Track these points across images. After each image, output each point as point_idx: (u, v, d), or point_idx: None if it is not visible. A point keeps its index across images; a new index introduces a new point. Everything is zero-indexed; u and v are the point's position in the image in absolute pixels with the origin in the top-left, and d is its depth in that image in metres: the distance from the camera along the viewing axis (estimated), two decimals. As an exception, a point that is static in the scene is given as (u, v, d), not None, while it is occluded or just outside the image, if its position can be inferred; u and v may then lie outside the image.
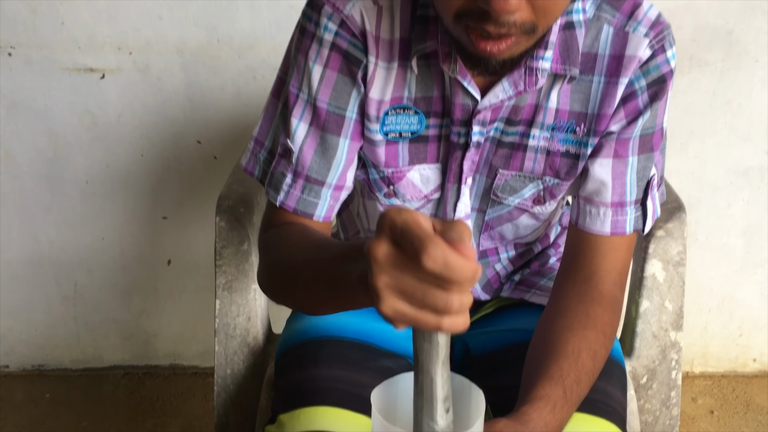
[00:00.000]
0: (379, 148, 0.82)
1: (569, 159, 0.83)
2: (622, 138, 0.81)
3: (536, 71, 0.76)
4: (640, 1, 0.78)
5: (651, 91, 0.78)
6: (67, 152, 1.57)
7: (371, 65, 0.78)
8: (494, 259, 0.95)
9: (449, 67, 0.76)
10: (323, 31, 0.77)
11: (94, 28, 1.46)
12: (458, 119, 0.80)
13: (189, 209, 1.64)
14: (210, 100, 1.54)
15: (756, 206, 1.64)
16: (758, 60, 1.51)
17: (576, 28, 0.77)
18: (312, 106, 0.80)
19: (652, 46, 0.77)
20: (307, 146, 0.80)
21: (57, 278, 1.69)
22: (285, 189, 0.82)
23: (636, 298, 1.01)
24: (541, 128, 0.81)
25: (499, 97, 0.77)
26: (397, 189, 0.85)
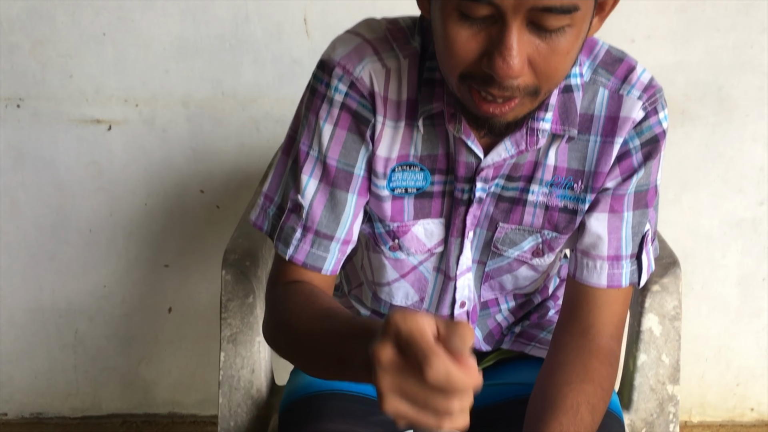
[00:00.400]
0: (386, 203, 0.85)
1: (567, 214, 0.85)
2: (618, 194, 0.84)
3: (537, 132, 0.79)
4: (633, 66, 0.82)
5: (645, 151, 0.82)
6: (72, 201, 1.59)
7: (379, 124, 0.81)
8: (495, 309, 0.97)
9: (454, 128, 0.79)
10: (334, 92, 0.81)
11: (101, 81, 1.50)
12: (462, 176, 0.83)
13: (191, 257, 1.66)
14: (214, 150, 1.57)
15: (750, 257, 1.67)
16: (748, 114, 1.55)
17: (574, 91, 0.80)
18: (322, 163, 0.82)
19: (645, 108, 0.80)
20: (317, 201, 0.83)
21: (58, 326, 1.69)
22: (295, 243, 0.84)
23: (633, 351, 1.03)
24: (540, 184, 0.84)
25: (502, 155, 0.80)
26: (402, 243, 0.88)
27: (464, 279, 0.91)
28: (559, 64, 0.67)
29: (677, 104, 1.55)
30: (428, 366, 0.50)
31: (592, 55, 0.82)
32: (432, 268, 0.91)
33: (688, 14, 1.47)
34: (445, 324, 0.52)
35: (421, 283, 0.92)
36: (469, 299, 0.93)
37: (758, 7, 1.46)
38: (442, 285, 0.92)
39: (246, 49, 1.48)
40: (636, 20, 1.47)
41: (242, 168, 1.58)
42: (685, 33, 1.49)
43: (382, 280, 0.93)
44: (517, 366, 0.98)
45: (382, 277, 0.93)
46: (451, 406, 0.52)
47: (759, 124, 1.56)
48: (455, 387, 0.50)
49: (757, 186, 1.61)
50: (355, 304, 1.02)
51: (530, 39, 0.65)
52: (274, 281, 0.87)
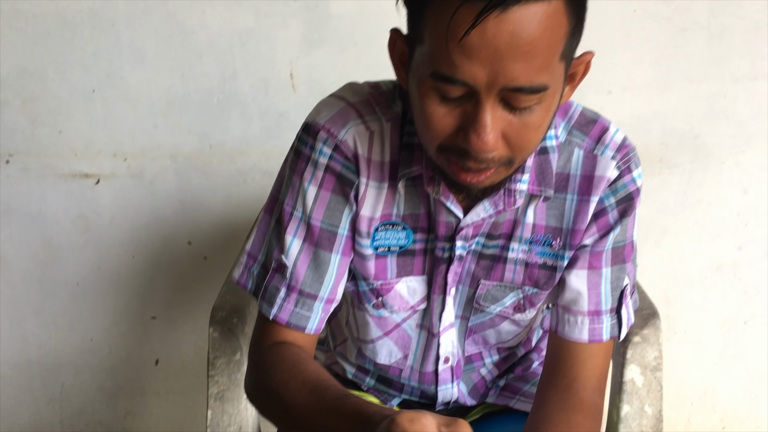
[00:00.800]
0: (369, 262, 0.87)
1: (547, 270, 0.88)
2: (596, 251, 0.86)
3: (514, 193, 0.82)
4: (607, 126, 0.85)
5: (620, 208, 0.85)
6: (59, 255, 1.60)
7: (362, 185, 0.83)
8: (479, 363, 0.99)
9: (433, 190, 0.82)
10: (318, 155, 0.83)
11: (90, 136, 1.52)
12: (442, 235, 0.85)
13: (178, 309, 1.67)
14: (201, 202, 1.59)
15: (731, 300, 1.69)
16: (724, 162, 1.59)
17: (550, 153, 0.83)
18: (306, 223, 0.84)
19: (619, 167, 0.83)
20: (301, 261, 0.85)
21: (44, 380, 1.69)
22: (279, 303, 0.85)
23: (617, 402, 1.04)
24: (519, 242, 0.87)
25: (480, 215, 0.83)
26: (386, 300, 0.89)
27: (448, 335, 0.92)
28: (531, 137, 0.71)
29: (655, 153, 1.58)
30: None
31: (567, 117, 0.85)
32: (415, 325, 0.93)
33: (663, 66, 1.52)
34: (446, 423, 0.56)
35: (404, 340, 0.94)
36: (453, 354, 0.94)
37: (729, 59, 1.51)
38: (426, 341, 0.93)
39: (233, 104, 1.51)
40: (612, 72, 1.52)
41: (230, 219, 1.60)
42: (660, 84, 1.53)
43: (366, 337, 0.94)
44: (503, 420, 0.99)
45: (366, 334, 0.94)
46: None
47: (734, 171, 1.60)
48: None
49: (735, 231, 1.64)
50: (340, 360, 1.03)
51: (503, 115, 0.68)
52: (257, 341, 0.88)
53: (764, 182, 1.61)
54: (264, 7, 1.44)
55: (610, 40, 1.49)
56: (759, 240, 1.65)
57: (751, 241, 1.65)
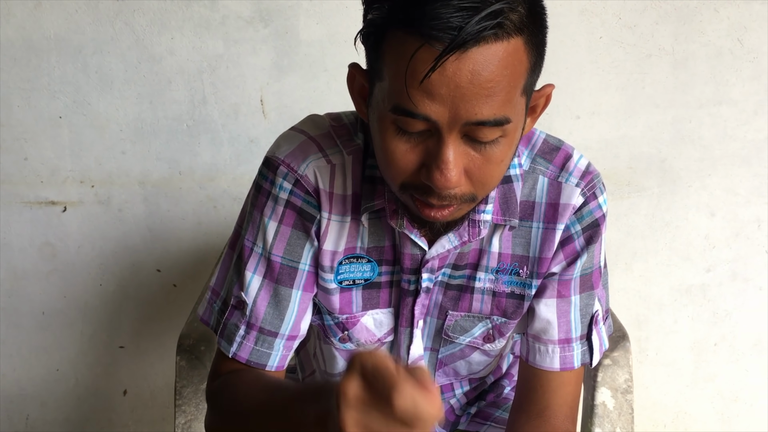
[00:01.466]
0: (333, 296, 0.86)
1: (515, 299, 0.87)
2: (564, 279, 0.86)
3: (479, 223, 0.81)
4: (570, 153, 0.85)
5: (586, 235, 0.84)
6: (24, 284, 1.57)
7: (324, 220, 0.82)
8: (449, 394, 0.98)
9: (396, 223, 0.81)
10: (278, 190, 0.82)
11: (57, 163, 1.50)
12: (408, 268, 0.84)
13: (147, 338, 1.64)
14: (171, 229, 1.57)
15: (700, 322, 1.71)
16: (691, 185, 1.62)
17: (514, 182, 0.83)
18: (266, 259, 0.83)
19: (584, 194, 0.84)
20: (261, 299, 0.83)
21: (8, 412, 1.64)
22: (238, 340, 0.84)
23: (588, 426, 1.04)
24: (486, 271, 0.86)
25: (446, 247, 0.82)
26: (352, 334, 0.88)
27: None
28: (494, 172, 0.71)
29: (623, 176, 1.60)
30: (397, 391, 0.51)
31: (530, 145, 0.85)
32: None
33: (629, 92, 1.54)
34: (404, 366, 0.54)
35: None
36: None
37: (694, 85, 1.54)
38: None
39: (203, 129, 1.50)
40: (580, 98, 1.54)
41: (200, 246, 1.58)
42: (627, 109, 1.55)
43: (334, 370, 0.93)
44: (475, 446, 0.98)
45: (333, 367, 0.93)
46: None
47: (701, 194, 1.62)
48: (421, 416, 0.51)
49: (703, 253, 1.66)
50: None
51: (465, 150, 0.68)
52: (215, 373, 0.87)
53: (730, 205, 1.63)
54: (233, 33, 1.44)
55: (577, 66, 1.51)
56: (726, 262, 1.67)
57: (719, 263, 1.67)
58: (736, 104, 1.55)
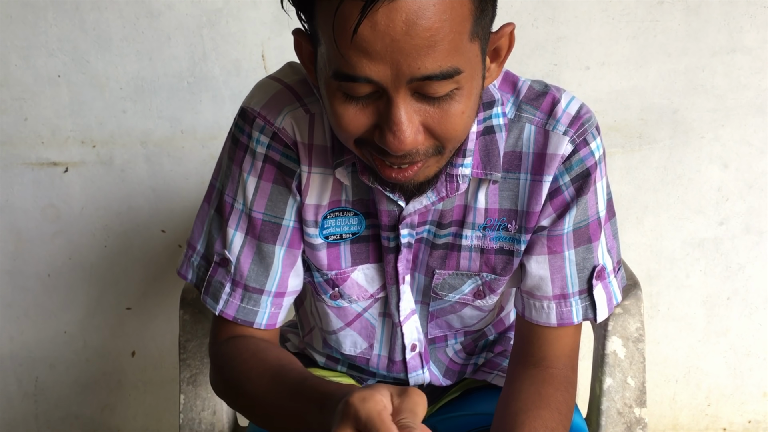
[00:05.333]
0: (320, 252, 0.83)
1: (504, 255, 0.84)
2: (554, 234, 0.81)
3: (457, 178, 0.77)
4: (557, 97, 0.80)
5: (576, 186, 0.79)
6: (29, 246, 1.56)
7: (305, 173, 0.79)
8: (442, 344, 0.96)
9: (368, 179, 0.76)
10: (256, 144, 0.78)
11: (57, 123, 1.48)
12: (386, 225, 0.81)
13: (153, 299, 1.63)
14: (174, 189, 1.55)
15: (713, 276, 1.68)
16: (704, 136, 1.58)
17: (496, 132, 0.79)
18: (248, 216, 0.80)
19: (574, 141, 0.78)
20: (245, 256, 0.81)
21: (17, 375, 1.65)
22: (224, 298, 0.82)
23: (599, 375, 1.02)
24: (472, 228, 0.82)
25: (423, 203, 0.78)
26: (342, 290, 0.86)
27: (410, 323, 0.89)
28: (457, 125, 0.66)
29: (634, 128, 1.57)
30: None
31: (515, 92, 0.80)
32: (378, 314, 0.89)
33: (640, 40, 1.50)
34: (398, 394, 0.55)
35: (368, 330, 0.90)
36: (419, 341, 0.91)
37: (707, 32, 1.49)
38: (391, 330, 0.90)
39: (204, 87, 1.47)
40: (590, 48, 1.50)
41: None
42: (638, 59, 1.51)
43: (329, 328, 0.91)
44: (482, 396, 0.97)
45: (328, 325, 0.91)
46: None
47: (714, 146, 1.59)
48: None
49: (716, 206, 1.63)
50: (309, 350, 1.00)
51: (420, 107, 0.64)
52: (214, 336, 0.85)
53: (744, 156, 1.60)
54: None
55: (586, 14, 1.47)
56: (740, 215, 1.64)
57: (732, 216, 1.64)
58: (750, 52, 1.51)
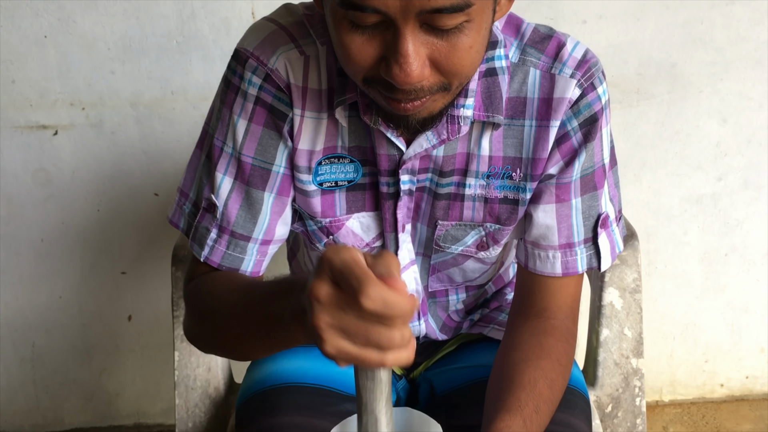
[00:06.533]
0: (314, 199, 0.81)
1: (508, 204, 0.82)
2: (562, 182, 0.80)
3: (458, 119, 0.75)
4: (563, 41, 0.78)
5: (584, 131, 0.78)
6: (21, 211, 1.54)
7: (297, 118, 0.77)
8: (443, 299, 0.95)
9: (371, 119, 0.75)
10: (248, 85, 0.77)
11: (45, 85, 1.45)
12: (385, 169, 0.79)
13: (148, 263, 1.62)
14: (166, 151, 1.53)
15: (711, 233, 1.68)
16: (702, 91, 1.56)
17: (498, 75, 0.77)
18: (237, 160, 0.79)
19: (581, 86, 0.77)
20: (232, 201, 0.79)
21: (14, 341, 1.64)
22: (210, 244, 0.80)
23: (596, 327, 1.02)
24: (476, 177, 0.81)
25: (423, 146, 0.77)
26: (337, 238, 0.84)
27: (409, 273, 0.88)
28: (464, 60, 0.65)
29: (631, 83, 1.55)
30: (363, 294, 0.49)
31: (519, 35, 0.78)
32: None
33: (638, -8, 1.47)
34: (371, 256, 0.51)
35: None
36: (417, 292, 0.90)
37: (705, -17, 1.47)
38: None
39: (193, 46, 1.45)
40: (586, 1, 1.47)
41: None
42: (635, 12, 1.49)
43: None
44: (478, 349, 0.96)
45: None
46: (393, 336, 0.50)
47: (713, 100, 1.57)
48: (393, 311, 0.49)
49: (714, 162, 1.62)
50: None
51: (427, 40, 0.63)
52: (189, 278, 0.84)
53: (743, 110, 1.58)
54: (220, -60, 1.37)
55: (582, -35, 1.44)
56: (738, 170, 1.62)
57: (731, 171, 1.62)
58: (749, 3, 1.48)
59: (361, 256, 0.50)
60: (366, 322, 0.50)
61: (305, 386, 0.87)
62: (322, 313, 0.51)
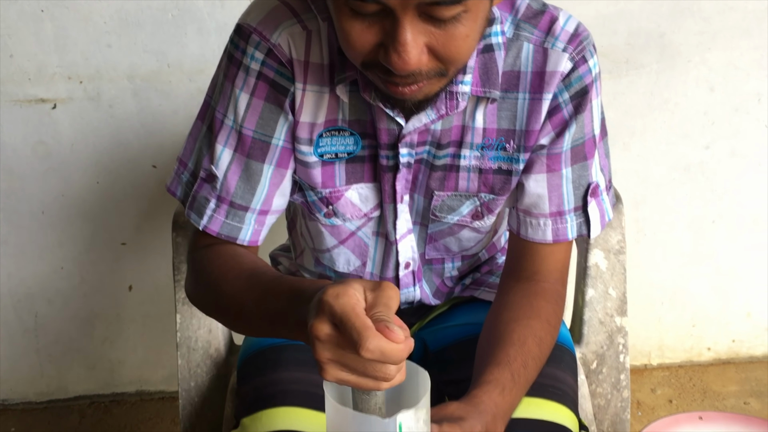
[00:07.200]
0: (314, 170, 0.84)
1: (502, 175, 0.85)
2: (553, 153, 0.83)
3: (456, 95, 0.78)
4: (556, 16, 0.80)
5: (575, 103, 0.81)
6: (21, 184, 1.57)
7: (299, 92, 0.79)
8: (439, 268, 0.98)
9: (370, 96, 0.77)
10: (250, 60, 0.79)
11: (43, 59, 1.47)
12: (385, 143, 0.82)
13: (148, 234, 1.65)
14: (163, 124, 1.56)
15: (699, 200, 1.71)
16: (690, 60, 1.58)
17: (495, 51, 0.79)
18: (237, 132, 0.81)
19: (573, 59, 0.79)
20: (232, 172, 0.82)
21: (17, 311, 1.68)
22: (209, 213, 0.83)
23: (581, 287, 1.05)
24: (470, 148, 0.83)
25: (423, 121, 0.79)
26: (336, 209, 0.87)
27: (406, 241, 0.91)
28: (461, 48, 0.67)
29: (621, 53, 1.57)
30: (362, 346, 0.54)
31: (514, 10, 0.80)
32: (371, 233, 0.90)
33: (627, -37, 1.49)
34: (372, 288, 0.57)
35: (361, 248, 0.92)
36: (413, 260, 0.93)
37: (694, -47, 1.48)
38: (384, 248, 0.92)
39: (189, 19, 1.46)
40: (576, -29, 1.48)
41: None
42: (624, -19, 1.51)
43: (322, 246, 0.92)
44: (469, 309, 0.99)
45: (321, 243, 0.92)
46: (388, 371, 0.56)
47: (701, 69, 1.59)
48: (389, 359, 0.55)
49: (702, 130, 1.65)
50: (302, 271, 1.02)
51: (425, 28, 0.65)
52: (194, 244, 0.87)
53: (730, 79, 1.60)
54: None
55: (571, -65, 1.45)
56: (725, 138, 1.65)
57: (718, 139, 1.65)
58: (738, -28, 1.50)
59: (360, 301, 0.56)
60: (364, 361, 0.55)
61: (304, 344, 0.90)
62: (323, 350, 0.57)
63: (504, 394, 0.75)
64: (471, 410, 0.71)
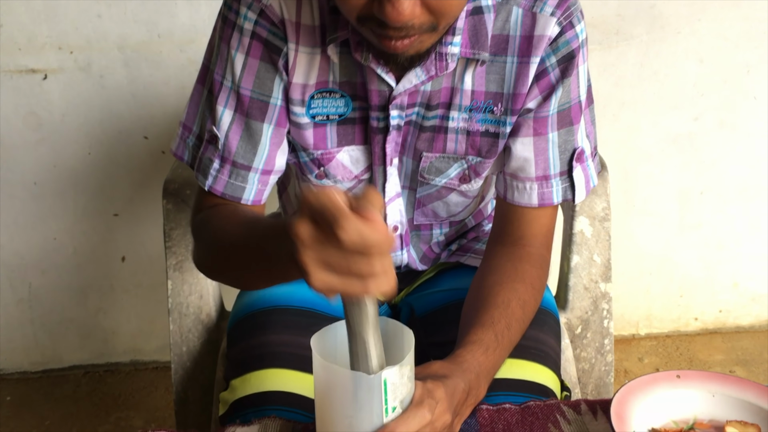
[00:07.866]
0: (307, 131, 0.85)
1: (489, 138, 0.86)
2: (540, 116, 0.84)
3: (446, 56, 0.79)
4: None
5: (562, 67, 0.82)
6: (13, 155, 1.57)
7: (292, 52, 0.80)
8: (427, 234, 0.99)
9: (362, 56, 0.78)
10: (243, 20, 0.80)
11: (33, 29, 1.47)
12: (376, 105, 0.83)
13: (140, 205, 1.66)
14: (154, 95, 1.56)
15: (688, 171, 1.72)
16: (680, 32, 1.59)
17: (484, 13, 0.80)
18: (236, 93, 0.82)
19: (560, 23, 0.80)
20: (233, 132, 0.83)
21: (11, 281, 1.69)
22: (213, 174, 0.84)
23: (567, 253, 1.07)
24: (459, 110, 0.84)
25: (413, 82, 0.80)
26: (328, 170, 0.88)
27: (394, 205, 0.92)
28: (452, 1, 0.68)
29: (611, 25, 1.57)
30: (340, 228, 0.52)
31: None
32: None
33: (617, -67, 1.49)
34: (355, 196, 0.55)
35: None
36: (401, 224, 0.94)
37: (684, -77, 1.48)
38: None
39: (179, -11, 1.46)
40: (566, -59, 1.48)
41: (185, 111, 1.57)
42: (615, -48, 1.51)
43: None
44: (455, 274, 1.01)
45: None
46: (373, 265, 0.54)
47: (690, 41, 1.60)
48: (370, 245, 0.53)
49: (691, 101, 1.66)
50: None
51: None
52: (197, 209, 0.88)
53: (719, 50, 1.61)
54: None
55: None
56: (714, 109, 1.66)
57: (707, 110, 1.66)
58: (728, -58, 1.51)
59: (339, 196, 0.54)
60: (347, 255, 0.54)
61: (292, 308, 0.92)
62: (305, 250, 0.55)
63: (487, 354, 0.77)
64: (455, 369, 0.72)
